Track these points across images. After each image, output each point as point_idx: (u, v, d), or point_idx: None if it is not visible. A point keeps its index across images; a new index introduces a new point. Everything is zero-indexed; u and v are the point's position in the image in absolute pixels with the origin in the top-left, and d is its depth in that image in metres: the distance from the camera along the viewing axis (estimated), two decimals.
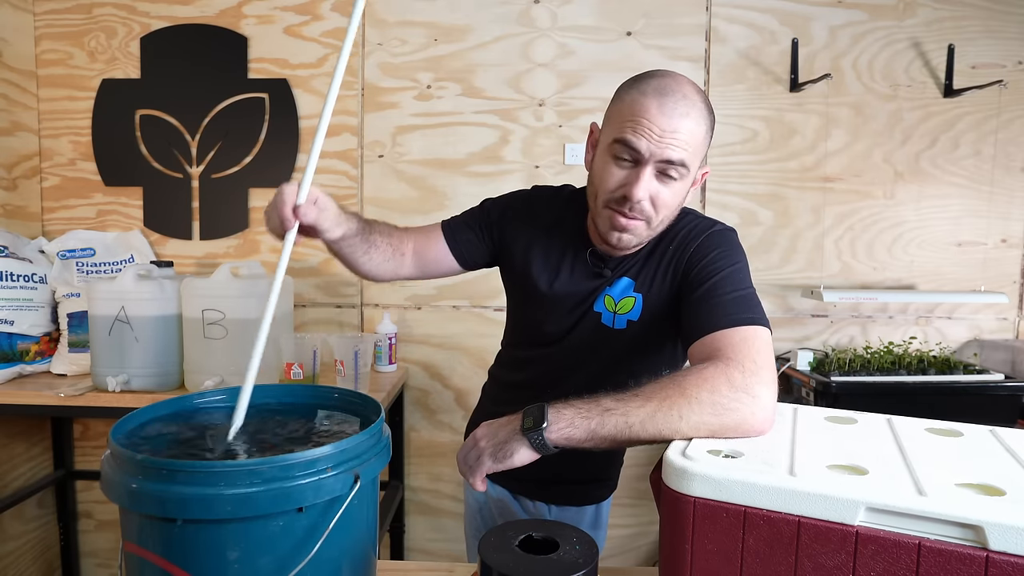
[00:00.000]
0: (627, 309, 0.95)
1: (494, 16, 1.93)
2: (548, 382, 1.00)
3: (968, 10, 1.92)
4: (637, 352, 0.97)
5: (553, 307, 0.99)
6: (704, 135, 0.85)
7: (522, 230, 1.02)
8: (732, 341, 0.76)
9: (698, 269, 0.88)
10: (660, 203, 0.86)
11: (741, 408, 0.68)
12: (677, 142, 0.81)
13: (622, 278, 0.96)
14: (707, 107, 0.85)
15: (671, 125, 0.81)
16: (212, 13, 1.95)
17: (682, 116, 0.81)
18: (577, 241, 0.99)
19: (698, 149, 0.85)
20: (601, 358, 0.98)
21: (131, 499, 0.54)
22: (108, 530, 2.11)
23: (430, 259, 1.04)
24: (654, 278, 0.94)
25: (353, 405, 0.76)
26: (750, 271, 0.90)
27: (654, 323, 0.94)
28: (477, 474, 0.78)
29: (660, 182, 0.85)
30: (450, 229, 1.05)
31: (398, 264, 1.03)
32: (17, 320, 1.68)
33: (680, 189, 0.86)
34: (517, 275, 1.03)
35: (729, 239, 0.92)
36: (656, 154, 0.82)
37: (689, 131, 0.82)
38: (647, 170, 0.83)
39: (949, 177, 1.96)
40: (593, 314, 0.97)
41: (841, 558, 0.52)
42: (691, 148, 0.83)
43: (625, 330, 0.95)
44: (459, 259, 1.05)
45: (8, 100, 1.88)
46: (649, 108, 0.82)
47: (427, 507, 2.05)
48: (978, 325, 2.00)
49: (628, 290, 0.95)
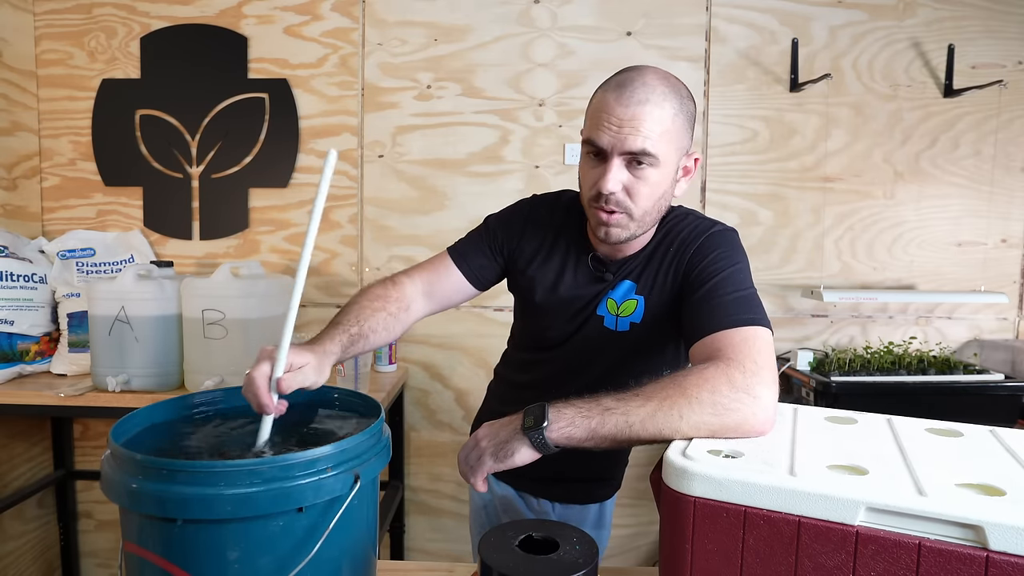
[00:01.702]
0: (629, 312, 0.95)
1: (494, 16, 1.93)
2: (553, 384, 1.00)
3: (968, 10, 1.92)
4: (640, 354, 0.97)
5: (557, 313, 1.00)
6: (671, 117, 0.83)
7: (527, 241, 1.02)
8: (733, 341, 0.76)
9: (699, 270, 0.88)
10: (636, 193, 0.85)
11: (742, 408, 0.68)
12: (637, 130, 0.81)
13: (624, 281, 0.96)
14: (673, 90, 0.84)
15: (628, 113, 0.81)
16: (212, 13, 1.95)
17: (640, 103, 0.81)
18: (578, 247, 0.99)
19: (667, 134, 0.83)
20: (604, 361, 0.98)
21: (131, 499, 0.54)
22: (108, 530, 2.11)
23: (446, 292, 1.02)
24: (655, 280, 0.94)
25: (353, 405, 0.76)
26: (751, 271, 0.90)
27: (656, 325, 0.94)
28: (478, 474, 0.78)
29: (632, 172, 0.84)
30: (461, 256, 1.03)
31: (405, 320, 0.98)
32: (17, 320, 1.68)
33: (657, 178, 0.85)
34: (523, 284, 1.03)
35: (730, 239, 0.92)
36: (618, 146, 0.83)
37: (650, 116, 0.81)
38: (614, 162, 0.84)
39: (949, 177, 1.96)
40: (596, 318, 0.97)
41: (841, 558, 0.52)
42: (655, 134, 0.82)
43: (628, 332, 0.95)
44: (475, 284, 1.03)
45: (8, 100, 1.88)
46: (609, 102, 0.83)
47: (427, 507, 2.05)
48: (978, 325, 2.00)
49: (630, 293, 0.95)
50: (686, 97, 0.87)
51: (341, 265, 1.97)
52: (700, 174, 1.96)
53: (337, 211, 1.98)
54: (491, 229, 1.04)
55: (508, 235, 1.03)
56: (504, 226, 1.04)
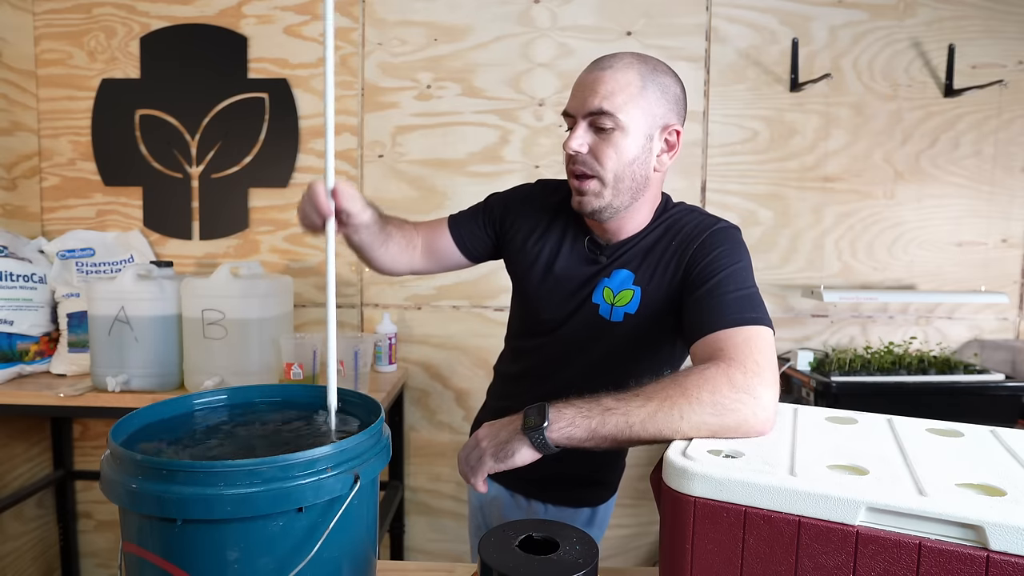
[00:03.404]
0: (625, 301, 0.94)
1: (494, 16, 1.93)
2: (544, 373, 1.01)
3: (968, 10, 1.92)
4: (633, 347, 0.96)
5: (550, 294, 1.00)
6: (636, 83, 0.85)
7: (524, 219, 1.04)
8: (734, 341, 0.76)
9: (701, 267, 0.88)
10: (602, 155, 0.88)
11: (742, 409, 0.68)
12: (595, 91, 0.86)
13: (621, 270, 0.95)
14: (641, 61, 0.87)
15: (591, 78, 0.87)
16: (212, 13, 1.95)
17: (603, 68, 0.86)
18: (576, 228, 1.00)
19: (632, 100, 0.85)
20: (597, 351, 0.97)
21: (131, 499, 0.54)
22: (108, 530, 2.11)
23: (439, 252, 1.08)
24: (654, 272, 0.93)
25: (353, 405, 0.76)
26: (753, 270, 0.90)
27: (652, 318, 0.93)
28: (479, 474, 0.78)
29: (598, 136, 0.88)
30: (456, 224, 1.08)
31: (411, 257, 1.07)
32: (17, 320, 1.68)
33: (624, 143, 0.87)
34: (517, 262, 1.04)
35: (732, 237, 0.92)
36: (580, 109, 0.88)
37: (611, 79, 0.85)
38: (579, 125, 0.88)
39: (949, 177, 1.96)
40: (591, 305, 0.96)
41: (841, 558, 0.52)
42: (613, 94, 0.85)
43: (622, 323, 0.94)
44: (464, 252, 1.08)
45: (8, 100, 1.88)
46: (579, 76, 0.90)
47: (427, 507, 2.05)
48: (978, 325, 2.00)
49: (627, 283, 0.94)
50: (662, 72, 0.88)
51: (341, 265, 1.97)
52: (700, 174, 1.96)
53: None
54: (489, 204, 1.09)
55: (504, 212, 1.06)
56: (501, 203, 1.08)
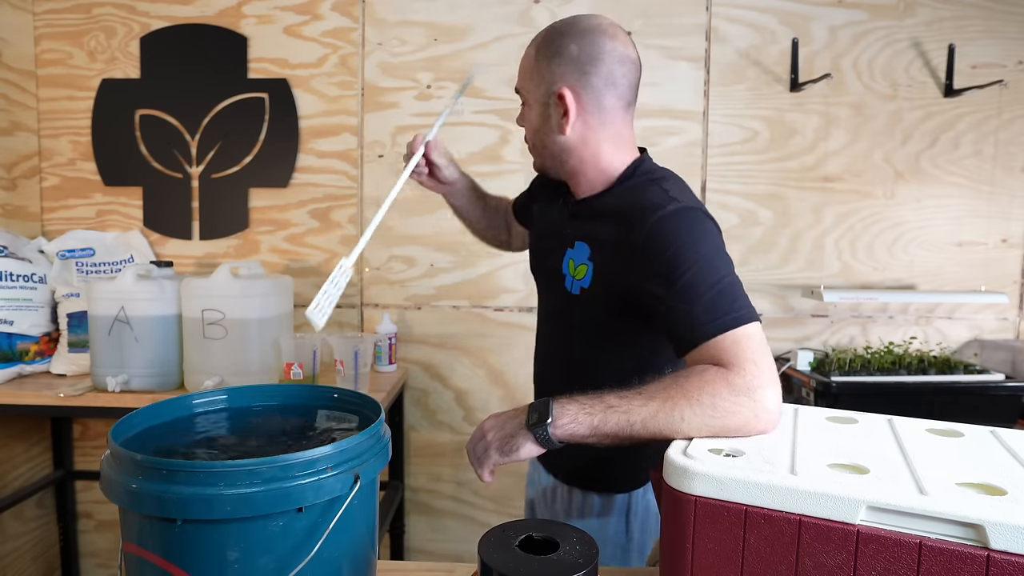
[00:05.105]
0: (581, 275, 0.93)
1: (494, 16, 1.93)
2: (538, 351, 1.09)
3: (968, 10, 1.92)
4: (588, 327, 0.94)
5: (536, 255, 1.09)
6: (531, 52, 0.93)
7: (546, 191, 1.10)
8: (723, 347, 0.74)
9: (664, 266, 0.79)
10: (526, 129, 0.98)
11: (743, 411, 0.68)
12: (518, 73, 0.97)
13: (581, 243, 0.93)
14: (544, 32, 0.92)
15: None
16: (212, 13, 1.95)
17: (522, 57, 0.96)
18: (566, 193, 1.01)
19: (529, 72, 0.93)
20: (562, 327, 1.02)
21: (131, 499, 0.54)
22: (108, 530, 2.11)
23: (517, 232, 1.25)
24: (604, 248, 0.90)
25: (353, 405, 0.76)
26: (724, 248, 0.82)
27: (604, 296, 0.90)
28: (484, 466, 0.81)
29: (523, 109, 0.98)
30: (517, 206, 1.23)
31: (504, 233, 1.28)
32: (17, 320, 1.68)
33: (529, 115, 0.95)
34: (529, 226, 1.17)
35: (687, 221, 0.81)
36: None
37: (523, 57, 0.95)
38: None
39: (949, 177, 1.96)
40: (560, 275, 0.98)
41: (842, 557, 0.52)
42: (522, 72, 0.95)
43: (579, 297, 0.93)
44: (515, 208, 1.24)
45: (8, 100, 1.88)
46: None
47: (427, 507, 2.05)
48: (978, 325, 2.00)
49: (584, 257, 0.93)
50: (558, 33, 0.90)
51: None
52: (700, 174, 1.96)
53: (337, 211, 1.98)
54: (531, 184, 1.21)
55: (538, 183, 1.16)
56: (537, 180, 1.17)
